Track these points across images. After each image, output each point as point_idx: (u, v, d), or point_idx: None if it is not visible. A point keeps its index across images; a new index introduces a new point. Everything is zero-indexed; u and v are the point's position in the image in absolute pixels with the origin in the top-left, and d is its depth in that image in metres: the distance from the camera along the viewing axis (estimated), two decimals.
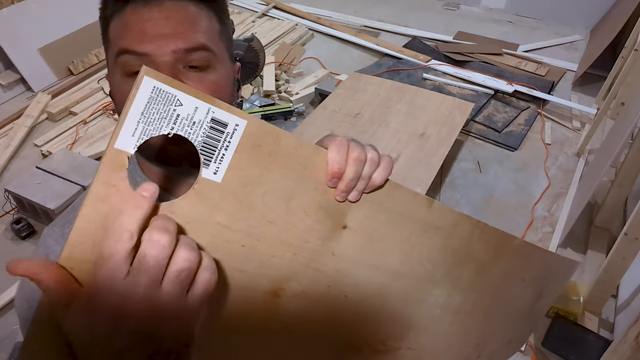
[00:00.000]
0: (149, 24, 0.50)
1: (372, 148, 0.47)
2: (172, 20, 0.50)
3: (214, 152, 0.37)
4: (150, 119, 0.34)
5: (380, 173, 0.47)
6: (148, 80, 0.33)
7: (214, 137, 0.37)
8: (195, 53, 0.51)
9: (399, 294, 0.55)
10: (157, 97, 0.34)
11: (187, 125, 0.36)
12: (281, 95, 3.04)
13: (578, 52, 3.66)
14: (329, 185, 0.45)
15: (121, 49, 0.51)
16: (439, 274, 0.56)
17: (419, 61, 3.37)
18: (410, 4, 4.42)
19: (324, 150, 0.45)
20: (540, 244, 2.15)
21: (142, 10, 0.50)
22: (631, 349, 1.19)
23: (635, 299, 1.69)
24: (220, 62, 0.54)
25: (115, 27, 0.52)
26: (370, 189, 0.47)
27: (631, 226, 1.54)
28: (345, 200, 0.46)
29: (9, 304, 1.84)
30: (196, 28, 0.51)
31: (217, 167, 0.38)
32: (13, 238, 2.11)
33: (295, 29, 3.81)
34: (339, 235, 0.48)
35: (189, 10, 0.51)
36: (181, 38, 0.50)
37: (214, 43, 0.53)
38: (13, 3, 3.01)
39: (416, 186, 2.05)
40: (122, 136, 0.33)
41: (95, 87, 3.08)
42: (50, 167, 2.22)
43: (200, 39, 0.51)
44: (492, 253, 0.59)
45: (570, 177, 2.52)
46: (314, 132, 2.38)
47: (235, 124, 0.37)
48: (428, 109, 2.55)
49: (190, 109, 0.35)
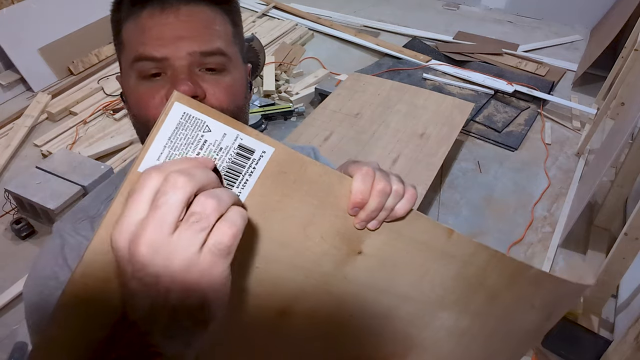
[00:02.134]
0: (166, 28, 0.50)
1: (397, 179, 0.47)
2: (189, 25, 0.51)
3: (238, 177, 0.37)
4: (177, 144, 0.34)
5: (403, 205, 0.46)
6: (178, 106, 0.33)
7: (239, 163, 0.37)
8: (211, 57, 0.52)
9: (405, 315, 0.55)
10: (185, 123, 0.34)
11: (214, 151, 0.35)
12: (281, 95, 3.04)
13: (578, 52, 3.66)
14: (349, 213, 0.44)
15: (139, 55, 0.51)
16: (449, 300, 0.56)
17: (419, 61, 3.37)
18: (410, 4, 4.42)
19: (348, 178, 0.44)
20: (540, 244, 2.15)
21: (159, 16, 0.50)
22: (631, 349, 1.19)
23: (635, 299, 1.69)
24: (235, 66, 0.55)
25: (131, 30, 0.52)
26: (391, 219, 0.47)
27: (631, 226, 1.54)
28: (364, 228, 0.46)
29: (9, 304, 1.83)
30: (212, 32, 0.52)
31: (239, 192, 0.38)
32: (13, 238, 2.11)
33: (295, 29, 3.81)
34: (353, 260, 0.47)
35: (204, 15, 0.52)
36: (197, 41, 0.51)
37: (228, 47, 0.54)
38: (13, 3, 3.01)
39: (416, 186, 2.05)
40: (146, 159, 0.34)
41: (95, 87, 3.08)
42: (50, 167, 2.21)
43: (216, 43, 0.52)
44: (505, 281, 0.58)
45: (570, 177, 2.52)
46: (314, 132, 2.38)
47: (263, 150, 0.37)
48: (428, 109, 2.55)
49: (219, 135, 0.35)
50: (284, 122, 2.89)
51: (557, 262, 2.07)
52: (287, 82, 3.17)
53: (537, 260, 2.07)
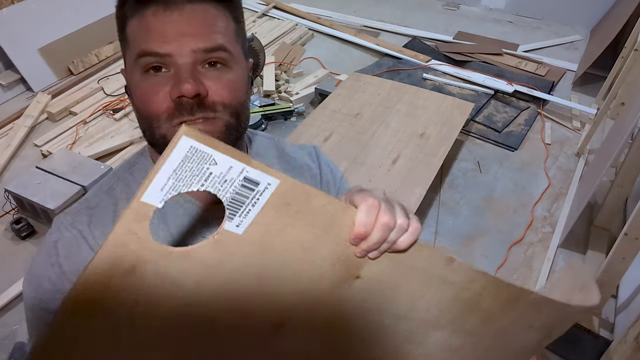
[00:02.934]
0: (169, 26, 0.51)
1: (402, 213, 0.47)
2: (192, 22, 0.52)
3: (241, 207, 0.38)
4: (181, 175, 0.34)
5: (406, 238, 0.46)
6: (185, 140, 0.33)
7: (243, 194, 0.37)
8: (214, 53, 0.53)
9: (401, 331, 0.55)
10: (192, 156, 0.34)
11: (218, 183, 0.36)
12: (281, 95, 3.04)
13: (578, 52, 3.66)
14: (351, 243, 0.45)
15: (142, 51, 0.52)
16: (444, 320, 0.56)
17: (419, 61, 3.37)
18: (410, 4, 4.42)
19: (352, 209, 0.44)
20: (540, 244, 2.15)
21: (163, 14, 0.51)
22: (631, 349, 1.19)
23: (635, 299, 1.69)
24: (237, 62, 0.56)
25: (135, 27, 0.53)
26: (392, 251, 0.47)
27: (631, 226, 1.54)
28: (364, 257, 0.46)
29: (9, 304, 1.83)
30: (215, 29, 0.53)
31: (241, 221, 0.38)
32: (13, 238, 2.11)
33: (295, 29, 3.81)
34: (350, 284, 0.48)
35: (207, 13, 0.53)
36: (201, 38, 0.52)
37: (231, 43, 0.55)
38: (13, 3, 3.01)
39: (416, 186, 2.06)
40: (150, 189, 0.34)
41: (95, 87, 3.07)
42: (50, 167, 2.21)
43: (219, 40, 0.53)
44: (501, 305, 0.58)
45: (570, 177, 2.52)
46: (314, 132, 2.38)
47: (268, 182, 0.38)
48: (428, 109, 2.55)
49: (224, 168, 0.35)
50: (284, 122, 2.89)
51: (557, 262, 2.07)
52: (287, 82, 3.16)
53: (537, 260, 2.07)
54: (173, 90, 0.52)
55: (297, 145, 0.79)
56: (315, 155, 0.79)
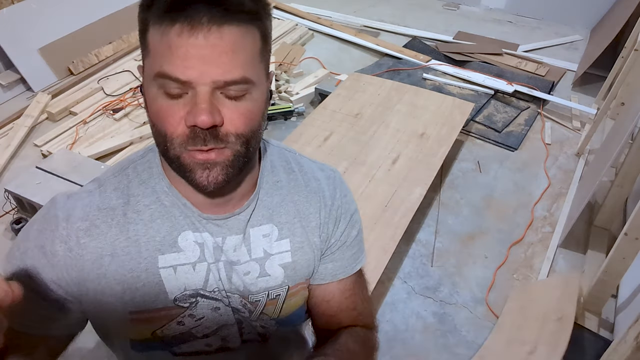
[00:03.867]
0: (193, 51, 0.49)
1: None
2: (216, 49, 0.49)
3: None
4: None
5: None
6: None
7: None
8: (235, 85, 0.52)
9: None
10: None
11: None
12: (281, 95, 3.04)
13: (578, 52, 3.66)
14: None
15: (163, 73, 0.51)
16: None
17: (419, 61, 3.36)
18: (410, 4, 4.42)
19: None
20: (540, 244, 2.15)
21: (189, 36, 0.49)
22: (631, 349, 1.19)
23: (635, 299, 1.68)
24: (257, 86, 0.55)
25: (157, 40, 0.51)
26: None
27: (631, 226, 1.54)
28: None
29: None
30: (238, 58, 0.51)
31: None
32: (13, 238, 2.11)
33: (295, 29, 3.81)
34: None
35: (233, 37, 0.50)
36: (223, 69, 0.50)
37: (253, 68, 0.53)
38: (13, 3, 3.01)
39: (416, 186, 2.06)
40: None
41: (95, 87, 3.07)
42: (50, 167, 2.21)
43: (241, 72, 0.51)
44: None
45: (570, 177, 2.52)
46: (314, 132, 2.38)
47: None
48: (428, 109, 2.55)
49: None
50: (284, 122, 2.89)
51: (557, 262, 2.07)
52: (287, 82, 3.16)
53: (537, 260, 2.07)
54: (189, 118, 0.51)
55: (317, 164, 0.76)
56: (333, 182, 0.74)
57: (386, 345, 1.75)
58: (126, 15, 3.41)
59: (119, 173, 0.65)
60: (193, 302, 0.65)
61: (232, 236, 0.65)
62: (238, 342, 0.71)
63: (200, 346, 0.69)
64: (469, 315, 1.85)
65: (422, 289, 1.95)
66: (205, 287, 0.65)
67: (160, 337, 0.65)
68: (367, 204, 1.96)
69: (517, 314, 1.79)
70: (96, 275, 0.60)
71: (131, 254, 0.61)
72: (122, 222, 0.62)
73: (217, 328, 0.68)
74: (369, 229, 1.85)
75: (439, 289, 1.95)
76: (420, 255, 2.09)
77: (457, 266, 2.05)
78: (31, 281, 0.58)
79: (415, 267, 2.04)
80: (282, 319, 0.71)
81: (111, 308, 0.61)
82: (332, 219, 0.72)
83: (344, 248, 0.73)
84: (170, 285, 0.63)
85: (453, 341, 1.77)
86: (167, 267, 0.62)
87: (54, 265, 0.59)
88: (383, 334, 1.78)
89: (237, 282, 0.66)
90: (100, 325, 0.67)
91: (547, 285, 1.85)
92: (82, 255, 0.60)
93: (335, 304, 0.74)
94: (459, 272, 2.02)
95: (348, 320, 0.74)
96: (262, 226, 0.67)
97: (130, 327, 0.64)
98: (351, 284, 0.75)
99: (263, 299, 0.68)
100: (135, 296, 0.61)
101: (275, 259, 0.68)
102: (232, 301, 0.67)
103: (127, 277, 0.61)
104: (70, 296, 0.61)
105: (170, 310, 0.64)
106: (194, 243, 0.63)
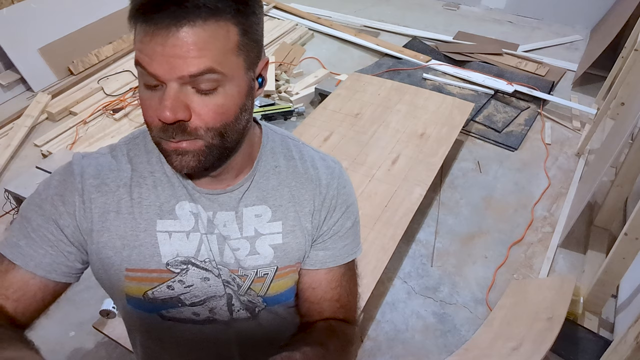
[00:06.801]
0: (158, 50, 0.51)
1: None
2: (180, 47, 0.51)
3: None
4: None
5: None
6: None
7: None
8: (202, 77, 0.53)
9: None
10: None
11: None
12: (281, 95, 3.04)
13: (578, 52, 3.66)
14: None
15: (136, 62, 0.54)
16: None
17: (419, 61, 3.37)
18: (410, 4, 4.42)
19: None
20: (540, 244, 2.15)
21: (151, 36, 0.51)
22: (631, 349, 1.19)
23: (635, 299, 1.69)
24: (231, 80, 0.55)
25: (137, 34, 0.54)
26: None
27: (631, 226, 1.54)
28: None
29: None
30: (205, 52, 0.52)
31: None
32: None
33: (295, 29, 3.81)
34: None
35: (195, 34, 0.51)
36: (188, 64, 0.51)
37: (225, 61, 0.54)
38: (13, 3, 3.01)
39: (416, 186, 2.06)
40: None
41: (95, 87, 3.07)
42: (50, 167, 2.21)
43: (208, 63, 0.52)
44: None
45: (570, 177, 2.52)
46: (314, 132, 2.39)
47: None
48: (428, 109, 2.56)
49: None
50: (284, 122, 2.89)
51: (557, 262, 2.07)
52: (287, 82, 3.16)
53: (537, 260, 2.07)
54: (157, 112, 0.54)
55: (320, 154, 0.77)
56: (338, 173, 0.76)
57: (386, 345, 1.75)
58: (126, 15, 3.40)
59: (130, 141, 0.70)
60: (184, 268, 0.68)
61: (222, 212, 0.68)
62: (226, 316, 0.74)
63: (188, 314, 0.72)
64: (469, 315, 1.86)
65: (422, 289, 1.95)
66: (197, 256, 0.68)
67: (151, 298, 0.69)
68: (367, 203, 1.96)
69: (509, 310, 1.79)
70: (101, 228, 0.65)
71: (133, 214, 0.66)
72: (129, 185, 0.67)
73: (206, 298, 0.71)
74: (369, 229, 1.85)
75: (439, 289, 1.95)
76: (420, 255, 2.09)
77: (457, 266, 2.05)
78: (46, 224, 0.64)
79: (415, 267, 2.04)
80: (270, 297, 0.74)
81: (110, 262, 0.66)
82: (326, 207, 0.73)
83: (336, 238, 0.75)
84: (164, 249, 0.67)
85: (453, 341, 1.77)
86: (164, 231, 0.67)
87: (69, 213, 0.65)
88: (383, 334, 1.79)
89: (228, 256, 0.69)
90: (101, 278, 0.71)
91: (543, 285, 1.85)
92: (92, 208, 0.65)
93: (320, 292, 0.76)
94: (459, 272, 2.02)
95: (329, 311, 0.76)
96: (255, 206, 0.70)
97: (126, 283, 0.68)
98: (339, 275, 0.76)
99: (251, 275, 0.71)
100: (132, 254, 0.66)
101: (266, 239, 0.70)
102: (222, 273, 0.70)
103: (127, 234, 0.66)
104: (77, 243, 0.66)
105: (162, 273, 0.68)
106: (189, 213, 0.67)
